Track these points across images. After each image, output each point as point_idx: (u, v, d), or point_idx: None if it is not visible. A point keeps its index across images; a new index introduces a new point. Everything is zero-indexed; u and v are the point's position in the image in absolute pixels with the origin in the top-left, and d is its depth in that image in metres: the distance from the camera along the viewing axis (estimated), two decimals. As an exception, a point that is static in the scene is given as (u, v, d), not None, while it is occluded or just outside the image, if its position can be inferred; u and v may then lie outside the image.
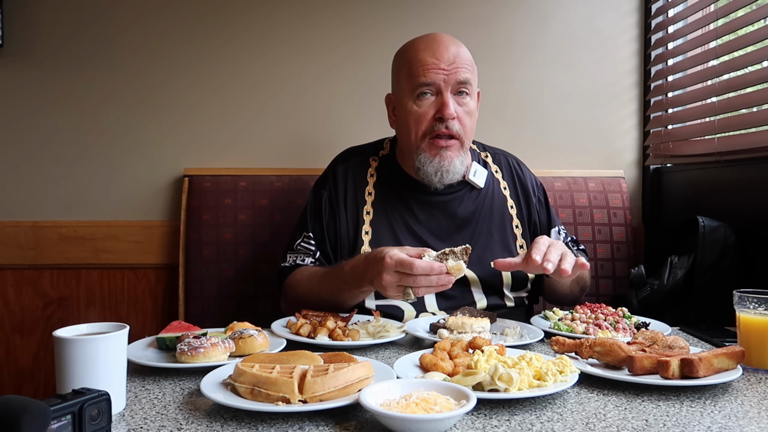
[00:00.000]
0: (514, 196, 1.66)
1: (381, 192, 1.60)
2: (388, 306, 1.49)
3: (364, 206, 1.58)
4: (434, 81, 1.48)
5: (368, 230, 1.55)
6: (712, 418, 0.88)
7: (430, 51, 1.50)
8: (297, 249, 1.58)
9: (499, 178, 1.68)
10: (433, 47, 1.50)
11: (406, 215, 1.57)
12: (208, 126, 2.10)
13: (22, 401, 0.64)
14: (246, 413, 0.87)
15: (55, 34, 2.04)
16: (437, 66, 1.48)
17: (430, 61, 1.48)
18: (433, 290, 1.25)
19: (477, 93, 1.59)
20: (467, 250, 1.22)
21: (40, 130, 2.05)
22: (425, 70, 1.48)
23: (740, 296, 1.15)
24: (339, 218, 1.57)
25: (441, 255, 1.22)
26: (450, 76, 1.48)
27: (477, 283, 1.53)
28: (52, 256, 2.03)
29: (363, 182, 1.61)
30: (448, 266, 1.20)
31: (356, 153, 1.68)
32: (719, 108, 1.83)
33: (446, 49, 1.49)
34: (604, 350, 1.06)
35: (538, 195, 1.70)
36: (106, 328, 0.92)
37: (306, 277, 1.51)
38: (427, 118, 1.50)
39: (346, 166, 1.64)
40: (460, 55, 1.50)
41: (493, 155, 1.72)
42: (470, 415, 0.87)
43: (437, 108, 1.49)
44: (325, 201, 1.59)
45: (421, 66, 1.48)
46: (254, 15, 2.11)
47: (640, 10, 2.20)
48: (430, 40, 1.53)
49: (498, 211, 1.62)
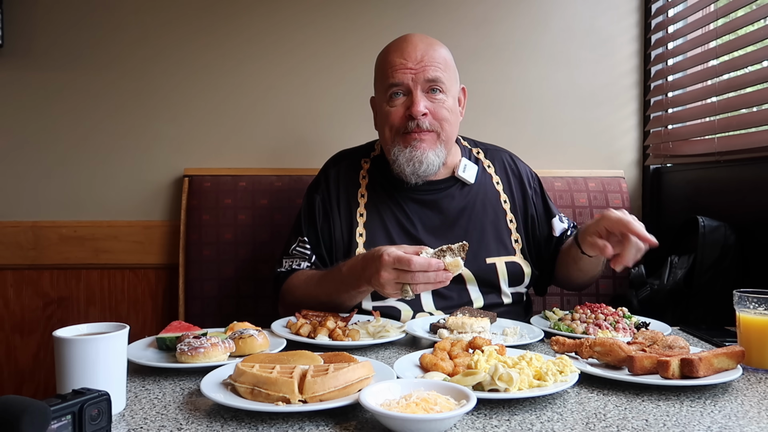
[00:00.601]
0: (507, 191, 1.66)
1: (373, 193, 1.60)
2: (386, 307, 1.49)
3: (357, 208, 1.58)
4: (402, 81, 1.50)
5: (362, 232, 1.55)
6: (712, 418, 0.88)
7: (398, 51, 1.52)
8: (292, 254, 1.58)
9: (491, 173, 1.68)
10: (401, 47, 1.52)
11: (398, 215, 1.57)
12: (208, 126, 2.10)
13: (22, 401, 0.64)
14: (246, 413, 0.87)
15: (55, 35, 2.04)
16: (404, 66, 1.50)
17: (398, 61, 1.50)
18: (431, 287, 1.25)
19: (461, 90, 1.60)
20: (464, 246, 1.22)
21: (40, 130, 2.05)
22: (393, 71, 1.50)
23: (740, 296, 1.15)
24: (333, 221, 1.58)
25: (438, 252, 1.23)
26: (418, 75, 1.49)
27: (473, 280, 1.53)
28: (52, 256, 2.03)
29: (355, 185, 1.61)
30: (446, 263, 1.21)
31: (347, 156, 1.69)
32: (719, 108, 1.83)
33: (414, 47, 1.51)
34: (604, 350, 1.06)
35: (534, 186, 1.70)
36: (106, 328, 0.92)
37: (303, 281, 1.51)
38: (398, 117, 1.51)
39: (337, 169, 1.64)
40: (428, 53, 1.51)
41: (485, 151, 1.72)
42: (470, 415, 0.87)
43: (407, 106, 1.50)
44: (318, 205, 1.60)
45: (390, 67, 1.51)
46: (254, 14, 2.11)
47: (640, 10, 2.20)
48: (400, 41, 1.55)
49: (491, 206, 1.62)
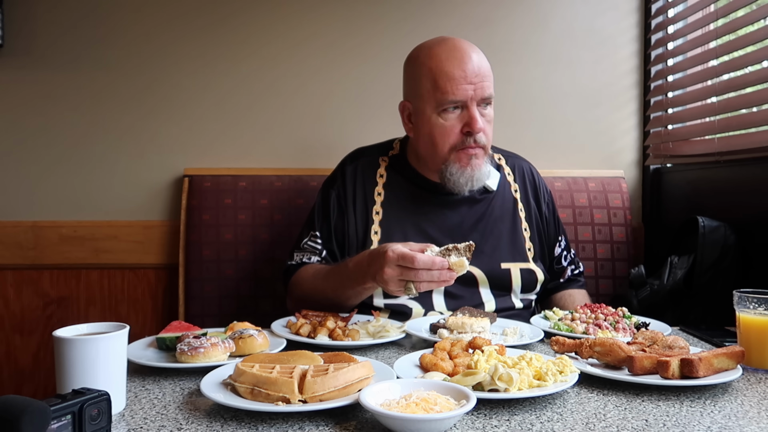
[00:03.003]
0: (524, 200, 1.66)
1: (391, 192, 1.59)
2: (397, 304, 1.49)
3: (373, 206, 1.58)
4: (463, 98, 1.45)
5: (377, 230, 1.55)
6: (712, 418, 0.88)
7: (455, 62, 1.45)
8: (303, 248, 1.58)
9: (510, 180, 1.68)
10: (456, 58, 1.46)
11: (416, 216, 1.56)
12: (208, 126, 2.10)
13: (22, 401, 0.64)
14: (246, 413, 0.87)
15: (55, 34, 2.04)
16: (465, 81, 1.44)
17: (457, 74, 1.44)
18: (434, 285, 1.24)
19: None
20: (470, 247, 1.22)
21: (41, 130, 2.05)
22: (454, 87, 1.44)
23: (740, 296, 1.15)
24: (347, 218, 1.57)
25: (444, 251, 1.22)
26: (477, 91, 1.45)
27: (485, 283, 1.53)
28: (52, 256, 2.03)
29: (372, 182, 1.61)
30: (451, 262, 1.20)
31: (365, 153, 1.68)
32: (719, 108, 1.83)
33: (470, 59, 1.46)
34: (604, 350, 1.06)
35: (548, 201, 1.71)
36: (106, 328, 0.92)
37: (311, 275, 1.51)
38: (454, 132, 1.48)
39: (355, 166, 1.63)
40: (482, 66, 1.47)
41: (506, 158, 1.72)
42: (470, 415, 0.87)
43: (464, 122, 1.46)
44: (333, 201, 1.59)
45: (449, 81, 1.44)
46: (253, 13, 2.10)
47: (640, 10, 2.20)
48: (451, 48, 1.48)
49: (508, 213, 1.62)
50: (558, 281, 1.69)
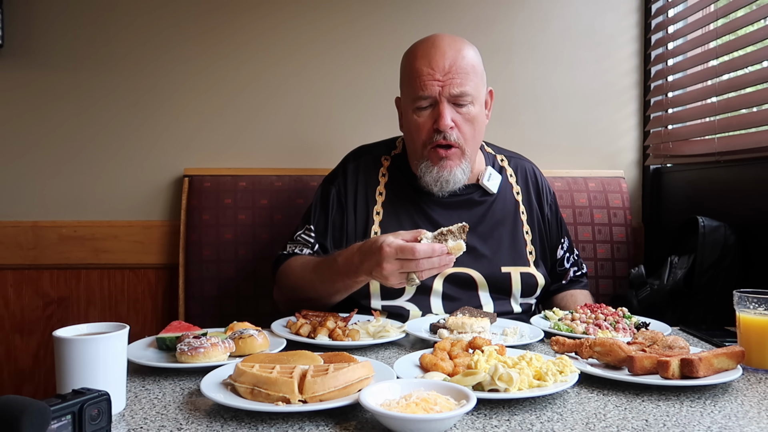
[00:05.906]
0: (526, 202, 1.65)
1: (392, 192, 1.59)
2: (394, 306, 1.49)
3: (374, 206, 1.57)
4: (430, 94, 1.45)
5: (377, 230, 1.54)
6: (712, 418, 0.88)
7: (426, 59, 1.46)
8: (296, 239, 1.58)
9: (512, 182, 1.67)
10: (429, 54, 1.46)
11: (416, 216, 1.56)
12: (208, 126, 2.10)
13: (22, 401, 0.64)
14: (246, 413, 0.87)
15: (54, 34, 2.04)
16: (432, 77, 1.44)
17: (425, 71, 1.45)
18: (436, 271, 1.25)
19: (488, 92, 1.57)
20: (464, 228, 1.22)
21: (41, 130, 2.05)
22: (421, 82, 1.45)
23: (740, 296, 1.15)
24: (347, 215, 1.57)
25: (439, 235, 1.22)
26: (445, 88, 1.44)
27: (485, 286, 1.53)
28: (52, 256, 2.03)
29: (374, 181, 1.60)
30: (449, 246, 1.20)
31: (368, 151, 1.67)
32: (719, 108, 1.83)
33: (442, 55, 1.45)
34: (604, 350, 1.06)
35: (551, 203, 1.70)
36: (106, 328, 0.92)
37: (299, 265, 1.50)
38: (425, 129, 1.48)
39: (357, 164, 1.63)
40: (456, 62, 1.45)
41: (508, 159, 1.71)
42: (470, 415, 0.87)
43: (434, 119, 1.46)
44: (333, 197, 1.59)
45: (418, 77, 1.46)
46: (254, 13, 2.11)
47: (640, 10, 2.20)
48: (428, 46, 1.48)
49: (509, 215, 1.62)
50: (560, 283, 1.69)
